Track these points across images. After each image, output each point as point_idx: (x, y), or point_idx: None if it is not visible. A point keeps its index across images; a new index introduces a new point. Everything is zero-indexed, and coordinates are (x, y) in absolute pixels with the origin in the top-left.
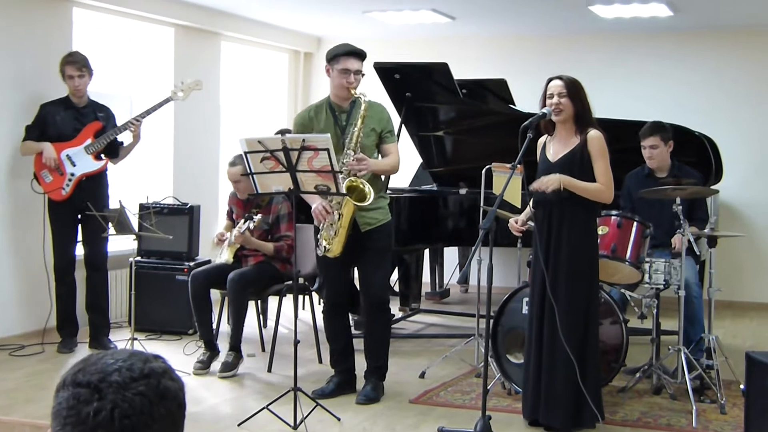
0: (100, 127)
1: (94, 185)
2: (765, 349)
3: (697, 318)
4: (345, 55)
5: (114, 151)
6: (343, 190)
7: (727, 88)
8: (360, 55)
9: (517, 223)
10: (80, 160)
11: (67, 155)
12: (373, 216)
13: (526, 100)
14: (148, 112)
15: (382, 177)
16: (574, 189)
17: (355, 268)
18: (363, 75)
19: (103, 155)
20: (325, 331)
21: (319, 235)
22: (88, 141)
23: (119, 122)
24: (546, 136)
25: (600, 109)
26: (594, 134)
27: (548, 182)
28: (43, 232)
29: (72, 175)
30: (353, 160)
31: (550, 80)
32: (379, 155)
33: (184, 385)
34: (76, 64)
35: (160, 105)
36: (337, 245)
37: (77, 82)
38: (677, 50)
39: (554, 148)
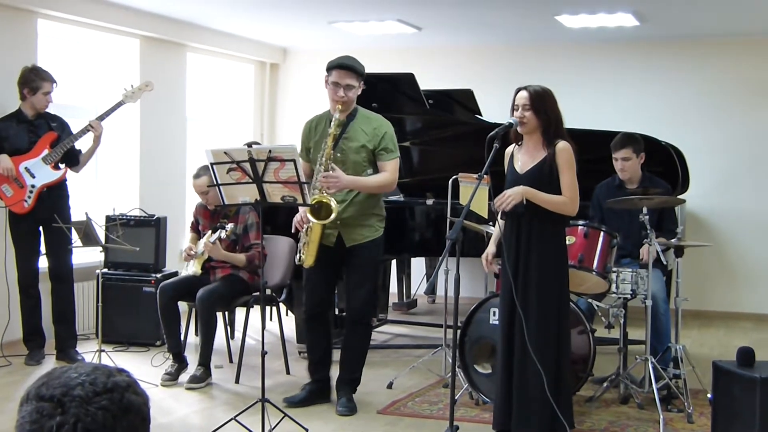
0: (56, 137)
1: (55, 196)
2: (732, 358)
3: (664, 333)
4: (335, 67)
5: (74, 158)
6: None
7: (693, 98)
8: (350, 68)
9: (488, 258)
10: (39, 171)
11: (26, 167)
12: (360, 232)
13: (492, 110)
14: (102, 117)
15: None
16: (538, 201)
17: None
18: (357, 88)
19: (61, 164)
20: (305, 340)
21: (299, 244)
22: (45, 152)
23: (74, 130)
24: (514, 145)
25: (566, 119)
26: (563, 146)
27: (511, 197)
28: (4, 245)
29: (32, 186)
30: (322, 177)
31: (518, 90)
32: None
33: (148, 399)
34: (50, 80)
35: (113, 109)
36: (308, 257)
37: (50, 98)
38: (644, 60)
39: (522, 159)
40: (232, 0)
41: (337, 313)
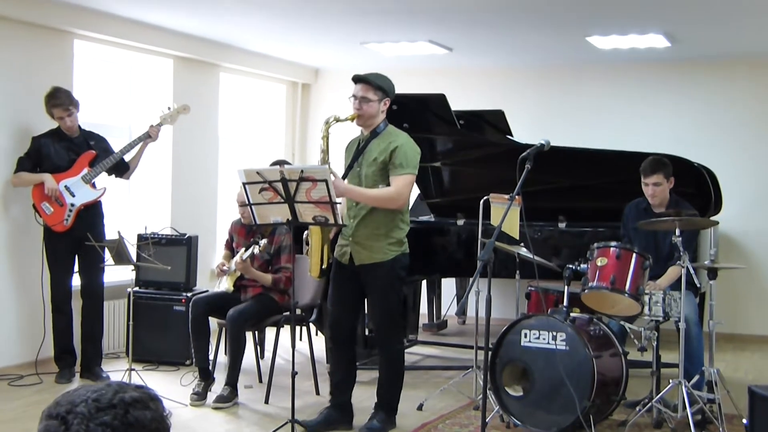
0: (94, 155)
1: (91, 215)
2: (767, 382)
3: (696, 356)
4: (354, 81)
5: (122, 168)
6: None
7: (725, 118)
8: (365, 80)
9: None
10: (78, 190)
11: (66, 186)
12: (368, 254)
13: (524, 131)
14: (159, 125)
15: (387, 212)
16: None
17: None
18: (375, 102)
19: (98, 185)
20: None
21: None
22: (85, 170)
23: (114, 148)
24: None
25: (598, 141)
26: None
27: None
28: (41, 262)
29: (72, 205)
30: None
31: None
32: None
33: (165, 415)
34: (62, 106)
35: (159, 125)
36: (313, 267)
37: (68, 122)
38: (675, 81)
39: None
40: (264, 21)
41: (367, 333)
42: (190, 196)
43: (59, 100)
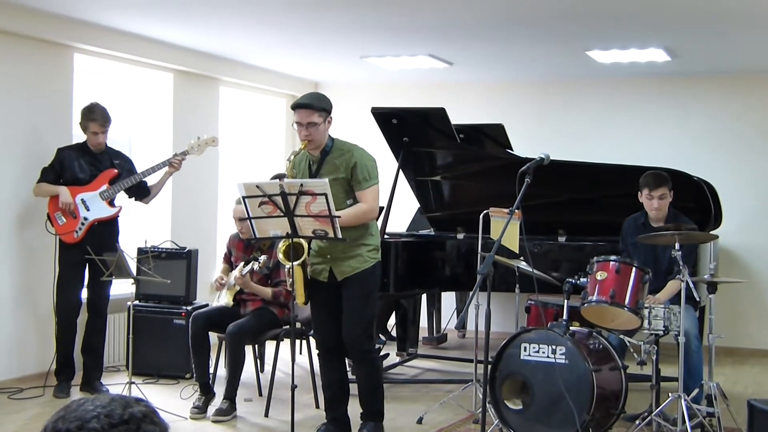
0: (116, 174)
1: (105, 230)
2: (766, 396)
3: (696, 370)
4: (294, 108)
5: (143, 191)
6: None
7: (724, 133)
8: (308, 106)
9: None
10: (94, 205)
11: (82, 199)
12: (348, 264)
13: (523, 144)
14: (185, 154)
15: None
16: None
17: None
18: (322, 124)
19: (116, 202)
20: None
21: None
22: (104, 187)
23: (138, 168)
24: None
25: (598, 154)
26: None
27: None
28: (53, 275)
29: (85, 219)
30: None
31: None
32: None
33: (167, 429)
34: (98, 121)
35: (184, 154)
36: (298, 296)
37: (101, 138)
38: (675, 95)
39: None
40: (264, 35)
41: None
42: (190, 209)
43: (96, 115)
